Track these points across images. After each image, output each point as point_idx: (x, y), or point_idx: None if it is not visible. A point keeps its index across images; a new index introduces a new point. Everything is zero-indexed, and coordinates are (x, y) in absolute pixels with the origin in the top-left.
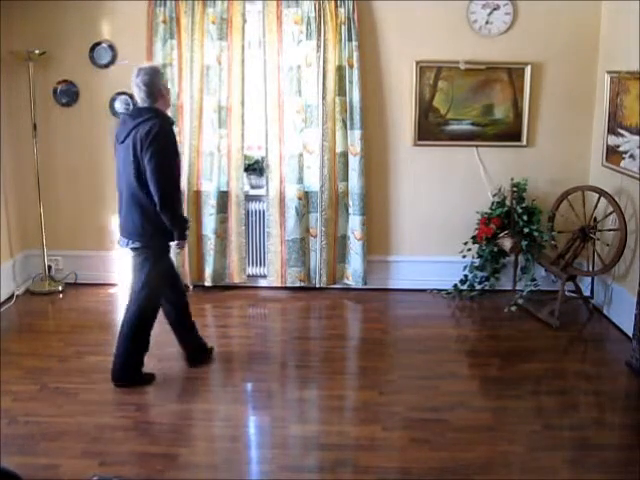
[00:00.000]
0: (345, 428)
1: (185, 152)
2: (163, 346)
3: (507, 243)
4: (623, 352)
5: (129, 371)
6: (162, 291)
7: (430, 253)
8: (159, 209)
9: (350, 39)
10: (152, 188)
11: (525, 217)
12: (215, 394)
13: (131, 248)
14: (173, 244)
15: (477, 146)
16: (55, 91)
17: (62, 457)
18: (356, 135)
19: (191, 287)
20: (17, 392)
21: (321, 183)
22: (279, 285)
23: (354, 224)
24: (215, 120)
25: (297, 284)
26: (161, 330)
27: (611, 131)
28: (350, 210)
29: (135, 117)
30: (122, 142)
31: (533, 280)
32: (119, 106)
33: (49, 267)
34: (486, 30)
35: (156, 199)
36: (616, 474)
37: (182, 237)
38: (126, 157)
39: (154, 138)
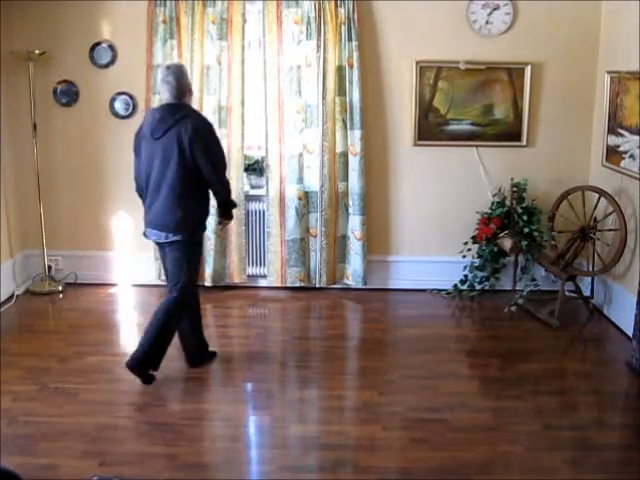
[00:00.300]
0: (345, 428)
1: None
2: None
3: (507, 243)
4: (623, 352)
5: (149, 361)
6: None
7: (430, 253)
8: (222, 198)
9: (350, 39)
10: (212, 180)
11: (525, 217)
12: (215, 394)
13: (170, 242)
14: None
15: (477, 146)
16: (55, 91)
17: (62, 457)
18: (356, 135)
19: None
20: (17, 392)
21: (321, 183)
22: (279, 285)
23: (354, 224)
24: (215, 120)
25: (297, 284)
26: None
27: (611, 131)
28: (350, 210)
29: (173, 113)
30: (158, 138)
31: (533, 280)
32: (119, 106)
33: (49, 267)
34: (486, 30)
35: (219, 189)
36: (616, 474)
37: (230, 217)
38: (166, 152)
39: (205, 134)
